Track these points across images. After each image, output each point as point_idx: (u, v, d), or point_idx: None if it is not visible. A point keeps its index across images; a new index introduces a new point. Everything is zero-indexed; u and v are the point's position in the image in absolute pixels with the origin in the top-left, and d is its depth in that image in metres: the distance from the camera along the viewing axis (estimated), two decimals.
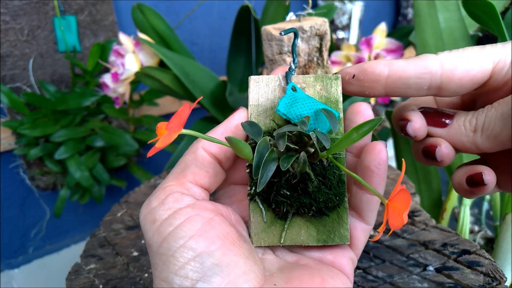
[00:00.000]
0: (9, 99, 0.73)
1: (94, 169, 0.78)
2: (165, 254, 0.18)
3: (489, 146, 0.20)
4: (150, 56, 0.56)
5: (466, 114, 0.22)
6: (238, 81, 0.67)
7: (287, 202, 0.22)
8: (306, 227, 0.22)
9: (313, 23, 0.32)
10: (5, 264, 0.88)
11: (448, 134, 0.22)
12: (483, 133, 0.20)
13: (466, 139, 0.21)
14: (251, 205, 0.23)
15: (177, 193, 0.20)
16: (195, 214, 0.19)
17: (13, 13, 0.72)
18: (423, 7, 0.46)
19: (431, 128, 0.22)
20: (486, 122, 0.20)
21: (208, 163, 0.22)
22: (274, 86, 0.24)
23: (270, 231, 0.22)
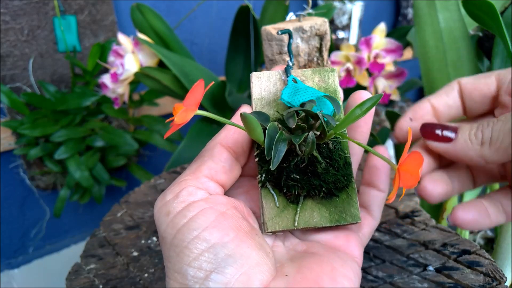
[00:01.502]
0: (9, 99, 0.73)
1: (94, 169, 0.78)
2: (179, 245, 0.19)
3: (498, 158, 0.21)
4: (149, 56, 0.56)
5: (470, 127, 0.22)
6: (237, 81, 0.67)
7: (297, 185, 0.23)
8: (318, 209, 0.23)
9: (313, 23, 0.32)
10: (5, 264, 0.88)
11: (454, 148, 0.22)
12: (491, 146, 0.21)
13: (474, 153, 0.21)
14: (262, 192, 0.23)
15: (191, 187, 0.21)
16: (208, 207, 0.20)
17: (13, 13, 0.72)
18: (423, 7, 0.46)
19: (436, 144, 0.23)
20: (494, 136, 0.21)
21: (224, 159, 0.22)
22: (275, 80, 0.25)
23: (283, 215, 0.23)
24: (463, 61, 0.44)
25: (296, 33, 0.32)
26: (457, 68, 0.44)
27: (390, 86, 0.60)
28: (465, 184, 0.25)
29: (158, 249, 0.36)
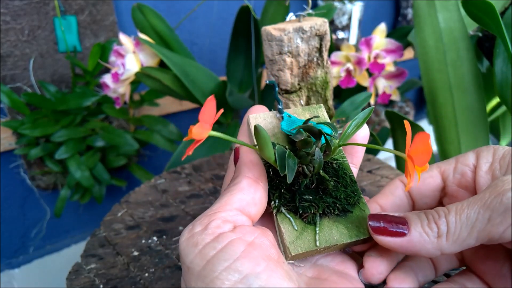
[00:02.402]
0: (9, 99, 0.73)
1: (95, 169, 0.78)
2: (209, 276, 0.18)
3: (455, 249, 0.21)
4: (150, 56, 0.56)
5: (420, 218, 0.22)
6: (238, 81, 0.67)
7: (312, 205, 0.23)
8: (335, 227, 0.23)
9: (313, 24, 0.32)
10: (6, 264, 0.88)
11: (409, 244, 0.21)
12: (449, 239, 0.20)
13: (431, 246, 0.21)
14: (278, 217, 0.23)
15: (220, 220, 0.21)
16: (237, 238, 0.20)
17: (13, 13, 0.72)
18: (422, 7, 0.46)
19: (388, 240, 0.22)
20: (451, 228, 0.21)
21: (254, 190, 0.23)
22: (271, 119, 0.27)
23: (303, 237, 0.23)
24: (462, 61, 0.44)
25: (296, 34, 0.32)
26: (457, 68, 0.45)
27: (390, 86, 0.60)
28: (428, 275, 0.25)
29: (158, 248, 0.36)
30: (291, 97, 0.35)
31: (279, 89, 0.35)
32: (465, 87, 0.45)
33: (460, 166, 0.24)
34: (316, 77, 0.35)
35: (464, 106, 0.45)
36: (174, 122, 0.83)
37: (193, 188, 0.45)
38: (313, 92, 0.35)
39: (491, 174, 0.23)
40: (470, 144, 0.46)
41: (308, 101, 0.36)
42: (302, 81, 0.35)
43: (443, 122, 0.46)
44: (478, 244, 0.20)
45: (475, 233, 0.20)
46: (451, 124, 0.46)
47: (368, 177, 0.43)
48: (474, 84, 0.44)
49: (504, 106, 0.54)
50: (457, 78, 0.45)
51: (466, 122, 0.45)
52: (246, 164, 0.24)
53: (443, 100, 0.46)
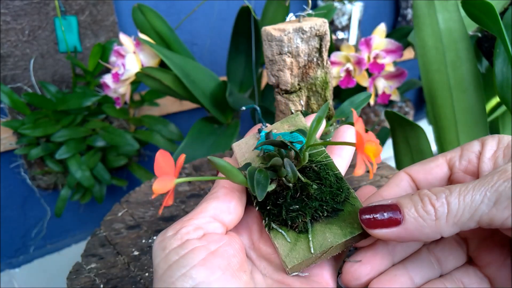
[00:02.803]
0: (10, 99, 0.73)
1: (95, 169, 0.78)
2: (167, 281, 0.20)
3: (454, 231, 0.20)
4: (150, 56, 0.56)
5: (412, 201, 0.21)
6: (238, 82, 0.67)
7: (299, 213, 0.23)
8: (328, 229, 0.23)
9: (313, 24, 0.33)
10: (6, 264, 0.88)
11: (406, 231, 0.20)
12: (449, 220, 0.20)
13: (430, 230, 0.20)
14: (271, 234, 0.23)
15: (191, 226, 0.22)
16: (200, 246, 0.21)
17: (14, 14, 0.73)
18: (422, 7, 0.46)
19: (383, 232, 0.21)
20: (452, 209, 0.20)
21: (229, 199, 0.24)
22: (253, 141, 0.28)
23: (298, 247, 0.22)
24: (462, 61, 0.45)
25: (296, 34, 0.33)
26: (456, 68, 0.45)
27: (390, 87, 0.60)
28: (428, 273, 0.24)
29: None
30: (291, 97, 0.35)
31: (279, 89, 0.35)
32: (465, 87, 0.45)
33: (466, 153, 0.23)
34: (316, 77, 0.35)
35: (463, 106, 0.45)
36: (175, 122, 0.83)
37: (193, 188, 0.45)
38: (313, 92, 0.36)
39: (494, 161, 0.22)
40: None
41: (308, 101, 0.36)
42: (302, 81, 0.35)
43: (443, 122, 0.46)
44: (476, 227, 0.20)
45: (478, 216, 0.19)
46: (451, 124, 0.46)
47: (368, 177, 0.43)
48: (473, 84, 0.45)
49: (504, 106, 0.54)
50: (457, 78, 0.45)
51: (466, 122, 0.45)
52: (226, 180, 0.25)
53: (442, 100, 0.46)
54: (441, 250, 0.24)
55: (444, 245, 0.24)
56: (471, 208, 0.19)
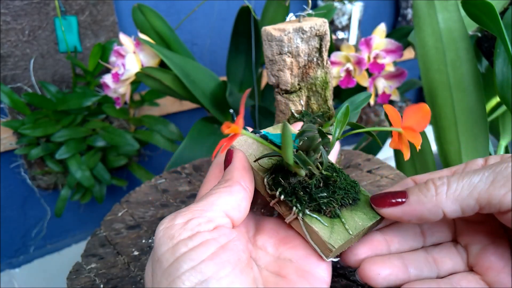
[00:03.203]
0: (10, 99, 0.73)
1: (95, 169, 0.78)
2: (173, 274, 0.19)
3: (455, 208, 0.21)
4: (150, 56, 0.56)
5: (418, 186, 0.23)
6: (238, 82, 0.67)
7: (330, 200, 0.25)
8: (354, 214, 0.25)
9: (313, 24, 0.33)
10: (6, 264, 0.88)
11: (410, 207, 0.22)
12: (449, 196, 0.21)
13: (431, 204, 0.22)
14: (306, 220, 0.24)
15: (204, 218, 0.21)
16: (211, 239, 0.20)
17: (14, 14, 0.73)
18: (422, 7, 0.46)
19: (389, 210, 0.23)
20: (452, 186, 0.22)
21: (242, 197, 0.23)
22: (251, 140, 0.28)
23: (336, 230, 0.24)
24: (462, 61, 0.45)
25: (296, 34, 0.33)
26: (456, 68, 0.45)
27: (390, 87, 0.60)
28: (412, 243, 0.26)
29: None
30: (291, 97, 0.35)
31: (279, 89, 0.35)
32: (465, 87, 0.45)
33: (470, 164, 0.25)
34: (316, 77, 0.35)
35: (463, 106, 0.45)
36: (175, 122, 0.83)
37: (194, 188, 0.45)
38: (313, 92, 0.36)
39: None
40: (470, 144, 0.46)
41: (308, 101, 0.36)
42: (302, 81, 0.35)
43: (443, 122, 0.46)
44: (476, 208, 0.21)
45: (476, 193, 0.21)
46: (451, 124, 0.46)
47: (368, 176, 0.43)
48: (473, 84, 0.45)
49: (504, 106, 0.54)
50: (457, 78, 0.45)
51: (466, 122, 0.45)
52: (239, 169, 0.24)
53: (442, 100, 0.46)
54: (439, 253, 0.25)
55: (442, 248, 0.25)
56: (469, 185, 0.21)
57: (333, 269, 0.32)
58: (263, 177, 0.26)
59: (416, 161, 0.51)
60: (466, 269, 0.25)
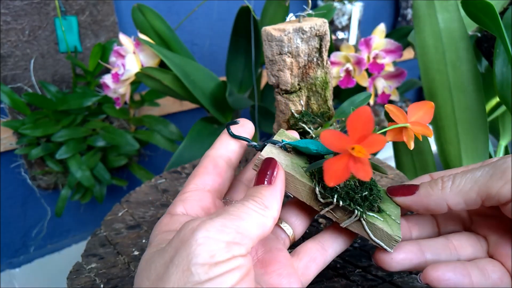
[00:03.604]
0: (10, 99, 0.73)
1: (95, 169, 0.78)
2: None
3: (458, 201, 0.24)
4: (150, 56, 0.56)
5: (429, 182, 0.26)
6: (238, 82, 0.67)
7: (374, 198, 0.26)
8: (387, 207, 0.27)
9: (313, 24, 0.33)
10: (6, 264, 0.89)
11: (418, 198, 0.25)
12: (452, 189, 0.24)
13: (436, 197, 0.24)
14: (369, 219, 0.25)
15: (241, 244, 0.20)
16: (243, 265, 0.19)
17: (14, 14, 0.73)
18: (422, 7, 0.46)
19: (401, 199, 0.26)
20: (456, 181, 0.24)
21: (270, 228, 0.22)
22: (277, 150, 0.27)
23: (391, 223, 0.25)
24: (462, 61, 0.45)
25: (296, 34, 0.33)
26: (456, 68, 0.45)
27: (390, 87, 0.60)
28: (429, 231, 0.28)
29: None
30: (291, 97, 0.35)
31: (279, 89, 0.35)
32: (465, 87, 0.45)
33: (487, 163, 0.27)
34: (316, 77, 0.35)
35: (463, 106, 0.45)
36: (175, 122, 0.83)
37: None
38: (313, 92, 0.36)
39: None
40: (470, 144, 0.46)
41: (308, 101, 0.36)
42: (302, 81, 0.35)
43: (443, 122, 0.46)
44: (478, 201, 0.23)
45: (477, 186, 0.23)
46: (451, 124, 0.46)
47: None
48: (473, 84, 0.45)
49: (504, 106, 0.54)
50: (457, 78, 0.45)
51: (466, 122, 0.45)
52: (279, 198, 0.23)
53: (442, 100, 0.46)
54: (459, 240, 0.26)
55: (461, 236, 0.27)
56: (471, 179, 0.23)
57: (333, 269, 0.32)
58: (312, 187, 0.25)
59: (416, 161, 0.51)
60: (487, 256, 0.26)
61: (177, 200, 0.24)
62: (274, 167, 0.24)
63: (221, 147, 0.27)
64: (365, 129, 0.19)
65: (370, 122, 0.19)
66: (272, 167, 0.24)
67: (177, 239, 0.19)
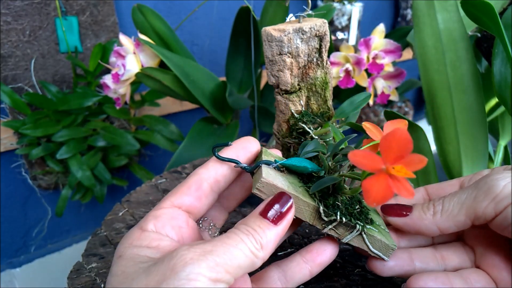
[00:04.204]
0: (11, 99, 0.73)
1: (96, 168, 0.79)
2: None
3: (449, 225, 0.25)
4: (150, 57, 0.57)
5: (422, 205, 0.26)
6: (237, 82, 0.68)
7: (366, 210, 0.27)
8: (373, 215, 0.28)
9: (313, 24, 0.33)
10: (7, 263, 0.89)
11: (410, 220, 0.26)
12: (443, 214, 0.25)
13: (428, 222, 0.25)
14: (369, 232, 0.26)
15: (224, 280, 0.20)
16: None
17: (14, 14, 0.73)
18: (422, 7, 0.46)
19: (394, 219, 0.27)
20: (446, 206, 0.25)
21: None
22: (273, 172, 0.26)
23: (383, 233, 0.26)
24: (461, 61, 0.45)
25: (296, 34, 0.33)
26: (456, 68, 0.45)
27: (389, 87, 0.60)
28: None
29: None
30: (291, 97, 0.35)
31: (279, 89, 0.35)
32: (464, 87, 0.45)
33: (476, 175, 0.28)
34: (316, 78, 0.35)
35: (463, 106, 0.45)
36: (175, 122, 0.83)
37: None
38: (313, 92, 0.36)
39: None
40: (469, 144, 0.46)
41: (308, 101, 0.36)
42: (302, 81, 0.35)
43: (442, 122, 0.47)
44: (468, 222, 0.24)
45: (464, 209, 0.24)
46: (450, 124, 0.46)
47: None
48: (473, 85, 0.45)
49: (503, 107, 0.54)
50: (456, 78, 0.45)
51: (465, 122, 0.46)
52: (279, 237, 0.22)
53: (442, 100, 0.46)
54: (447, 250, 0.27)
55: (450, 247, 0.28)
56: (458, 203, 0.24)
57: (333, 269, 0.32)
58: (316, 206, 0.25)
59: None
60: (473, 266, 0.27)
61: (150, 216, 0.24)
62: (284, 205, 0.23)
63: (212, 168, 0.26)
64: (403, 149, 0.19)
65: (409, 142, 0.19)
66: (283, 204, 0.23)
67: (167, 266, 0.19)
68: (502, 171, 0.24)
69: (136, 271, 0.20)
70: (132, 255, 0.21)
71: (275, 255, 0.34)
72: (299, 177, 0.27)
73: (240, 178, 0.29)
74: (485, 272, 0.26)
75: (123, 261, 0.21)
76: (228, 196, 0.29)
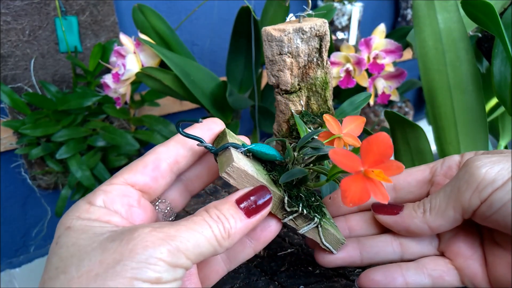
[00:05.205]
0: (10, 99, 0.73)
1: (95, 168, 0.79)
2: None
3: (439, 223, 0.24)
4: (150, 56, 0.57)
5: (413, 204, 0.26)
6: (238, 82, 0.68)
7: (321, 204, 0.27)
8: (323, 208, 0.28)
9: (313, 24, 0.33)
10: (6, 263, 0.89)
11: (400, 219, 0.25)
12: (432, 212, 0.24)
13: (418, 220, 0.24)
14: (324, 225, 0.26)
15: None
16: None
17: (14, 14, 0.73)
18: (422, 7, 0.46)
19: (384, 217, 0.26)
20: (433, 202, 0.24)
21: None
22: (241, 155, 0.25)
23: (334, 226, 0.27)
24: (462, 61, 0.45)
25: (296, 34, 0.33)
26: (456, 68, 0.45)
27: (390, 87, 0.60)
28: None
29: None
30: (291, 97, 0.35)
31: (279, 89, 0.35)
32: (464, 88, 0.45)
33: (448, 161, 0.27)
34: (316, 78, 0.35)
35: (463, 106, 0.45)
36: (175, 122, 0.83)
37: None
38: (313, 92, 0.36)
39: None
40: (469, 144, 0.46)
41: (308, 101, 0.36)
42: (302, 81, 0.35)
43: (442, 122, 0.47)
44: (458, 217, 0.23)
45: (451, 203, 0.23)
46: (451, 124, 0.46)
47: None
48: (473, 85, 0.45)
49: (503, 107, 0.54)
50: (456, 78, 0.45)
51: (465, 122, 0.46)
52: (243, 235, 0.22)
53: (442, 100, 0.46)
54: (406, 237, 0.27)
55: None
56: (445, 197, 0.23)
57: (333, 269, 0.32)
58: (281, 196, 0.24)
59: (416, 161, 0.51)
60: (437, 253, 0.26)
61: (99, 190, 0.22)
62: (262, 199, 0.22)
63: (173, 147, 0.25)
64: (384, 154, 0.19)
65: (390, 148, 0.19)
66: (261, 198, 0.22)
67: (126, 246, 0.18)
68: (481, 156, 0.23)
69: (89, 244, 0.19)
70: (83, 226, 0.20)
71: (275, 255, 0.34)
72: (263, 165, 0.26)
73: (205, 160, 0.27)
74: (448, 260, 0.25)
75: (73, 232, 0.20)
76: (193, 178, 0.27)
